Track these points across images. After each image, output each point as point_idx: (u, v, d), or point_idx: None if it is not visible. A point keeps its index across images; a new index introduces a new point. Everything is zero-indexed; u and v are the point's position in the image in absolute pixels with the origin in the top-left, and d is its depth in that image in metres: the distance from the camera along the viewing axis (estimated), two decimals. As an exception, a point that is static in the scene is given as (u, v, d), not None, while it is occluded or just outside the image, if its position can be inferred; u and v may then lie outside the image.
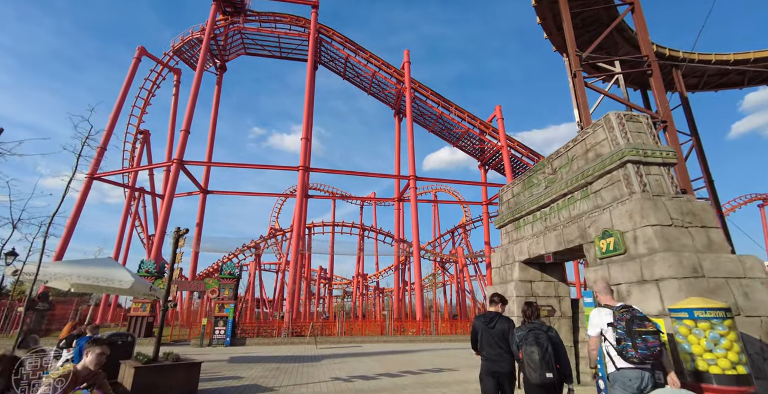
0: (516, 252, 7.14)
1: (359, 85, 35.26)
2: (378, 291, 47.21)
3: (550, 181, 6.39)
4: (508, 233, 7.81)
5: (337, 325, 19.53)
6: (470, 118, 32.86)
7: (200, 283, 18.03)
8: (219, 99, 35.30)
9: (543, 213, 6.51)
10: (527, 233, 7.06)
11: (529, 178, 7.12)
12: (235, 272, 18.18)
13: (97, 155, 28.27)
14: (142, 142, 37.16)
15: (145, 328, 16.73)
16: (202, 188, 31.66)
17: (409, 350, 14.35)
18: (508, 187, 7.98)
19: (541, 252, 6.27)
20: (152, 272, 17.45)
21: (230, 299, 17.74)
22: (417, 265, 25.91)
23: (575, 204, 5.54)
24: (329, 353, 13.18)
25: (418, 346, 16.73)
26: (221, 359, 11.35)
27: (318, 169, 29.14)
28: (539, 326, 3.65)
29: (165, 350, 6.88)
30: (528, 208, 6.88)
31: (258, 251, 36.37)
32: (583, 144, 5.53)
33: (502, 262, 7.68)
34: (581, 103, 10.51)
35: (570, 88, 14.71)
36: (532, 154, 33.68)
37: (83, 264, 8.98)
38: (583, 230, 5.21)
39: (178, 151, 26.24)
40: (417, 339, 19.00)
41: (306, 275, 38.22)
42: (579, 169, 5.63)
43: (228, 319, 17.12)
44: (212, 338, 16.78)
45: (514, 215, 7.41)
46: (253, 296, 42.01)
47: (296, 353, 13.66)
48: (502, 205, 8.20)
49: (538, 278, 7.01)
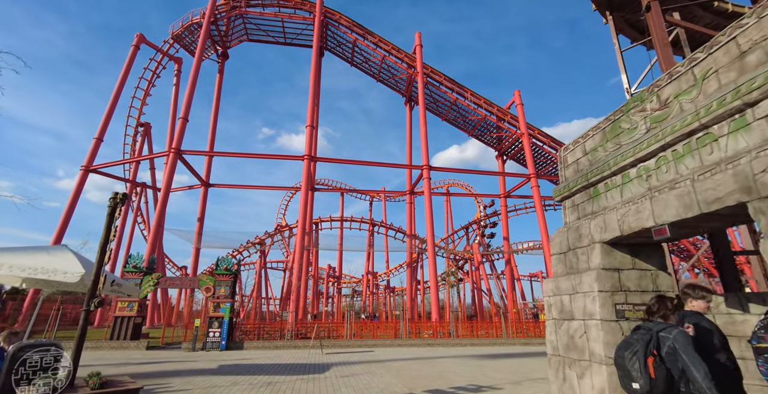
0: (595, 229, 5.03)
1: (368, 72, 33.29)
2: (389, 290, 45.18)
3: (655, 120, 4.32)
4: (577, 205, 5.72)
5: (346, 326, 17.57)
6: (487, 105, 30.62)
7: (193, 280, 16.24)
8: (221, 88, 33.70)
9: (643, 169, 4.43)
10: (613, 201, 4.96)
11: (614, 124, 5.02)
12: (232, 267, 16.33)
13: (93, 147, 26.89)
14: (143, 135, 35.76)
15: (132, 329, 14.98)
16: (204, 181, 30.05)
17: (430, 357, 12.31)
18: (575, 143, 5.89)
19: (647, 224, 4.18)
20: (140, 267, 15.71)
21: (227, 297, 15.90)
22: (432, 261, 23.84)
23: (719, 143, 3.50)
24: (336, 361, 11.22)
25: (437, 351, 14.67)
26: (207, 368, 9.47)
27: (324, 158, 27.26)
28: (654, 325, 2.74)
29: (150, 355, 5.09)
30: (615, 165, 4.80)
31: (263, 248, 34.65)
32: (732, 46, 3.48)
33: (569, 244, 5.59)
34: (659, 39, 8.27)
35: (616, 50, 12.48)
36: (554, 143, 31.31)
37: (27, 252, 7.13)
38: (747, 178, 3.12)
39: (176, 141, 24.61)
40: (435, 343, 16.94)
41: (313, 273, 36.40)
42: (725, 87, 3.54)
43: (223, 320, 15.28)
44: (206, 341, 14.97)
45: (588, 178, 5.32)
46: (259, 295, 40.39)
47: (299, 359, 11.74)
48: (566, 169, 6.12)
49: (627, 265, 4.92)
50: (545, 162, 32.69)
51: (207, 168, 30.91)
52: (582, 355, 5.03)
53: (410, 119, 33.58)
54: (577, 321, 5.23)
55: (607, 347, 4.62)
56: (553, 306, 5.83)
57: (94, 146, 26.73)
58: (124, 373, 8.33)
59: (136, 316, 15.22)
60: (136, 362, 10.41)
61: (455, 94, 30.30)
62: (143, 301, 15.77)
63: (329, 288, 45.42)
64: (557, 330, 5.69)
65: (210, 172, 30.97)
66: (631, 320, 4.80)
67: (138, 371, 8.68)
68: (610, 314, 4.76)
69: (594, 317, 4.85)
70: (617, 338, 4.67)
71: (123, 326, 14.89)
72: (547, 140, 31.21)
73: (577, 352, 5.14)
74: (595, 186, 5.34)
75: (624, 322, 4.77)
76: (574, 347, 5.22)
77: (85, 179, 26.24)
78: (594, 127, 5.57)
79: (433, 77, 30.25)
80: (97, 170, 26.68)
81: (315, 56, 28.25)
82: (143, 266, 15.84)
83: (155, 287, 15.72)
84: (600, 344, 4.68)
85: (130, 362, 10.20)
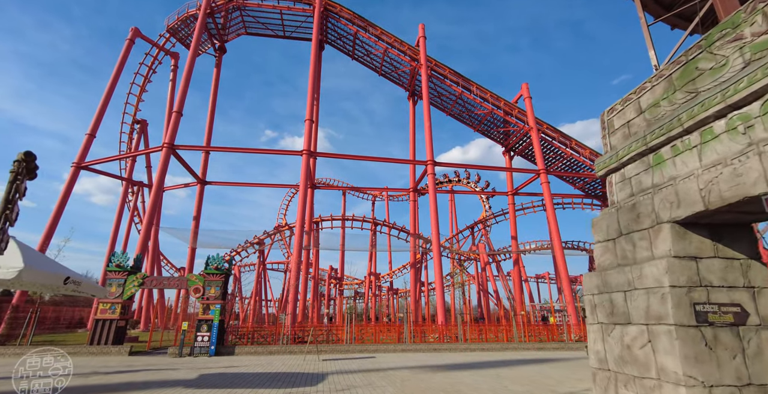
0: (662, 206, 3.82)
1: (369, 66, 32.20)
2: (392, 292, 43.88)
3: (760, 47, 3.13)
4: (629, 179, 4.52)
5: (345, 330, 16.35)
6: (494, 99, 29.38)
7: (182, 279, 15.10)
8: (218, 82, 32.74)
9: (739, 118, 3.24)
10: (686, 167, 3.74)
11: (687, 66, 3.82)
12: (223, 265, 15.19)
13: (85, 142, 25.93)
14: (139, 132, 34.78)
15: (114, 333, 13.83)
16: (200, 179, 29.01)
17: (437, 365, 11.08)
18: (625, 101, 4.68)
19: (754, 191, 2.97)
20: (125, 266, 14.59)
21: (217, 298, 14.76)
22: (437, 261, 22.58)
23: None
24: (333, 369, 10.02)
25: (444, 357, 13.43)
26: (184, 379, 8.30)
27: (324, 153, 26.16)
28: None
29: (128, 362, 4.15)
30: (690, 119, 3.59)
31: (262, 248, 33.52)
32: None
33: (620, 228, 4.37)
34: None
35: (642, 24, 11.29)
36: (563, 138, 30.02)
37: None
38: None
39: (169, 135, 23.59)
40: (442, 348, 15.68)
41: (314, 274, 35.22)
42: None
43: (213, 323, 14.12)
44: (194, 345, 13.81)
45: (647, 142, 4.11)
46: (260, 297, 39.24)
47: (291, 367, 10.55)
48: (611, 136, 4.91)
49: (708, 252, 3.72)
50: (554, 158, 31.38)
51: (203, 165, 29.89)
52: (646, 371, 3.81)
53: (413, 114, 32.44)
54: (636, 326, 4.00)
55: (686, 363, 3.40)
56: (599, 307, 4.61)
57: (86, 142, 25.78)
58: (85, 385, 7.18)
59: (119, 318, 14.08)
60: (107, 371, 9.25)
61: (461, 88, 29.11)
62: (128, 302, 14.64)
63: (331, 290, 44.19)
64: (606, 337, 4.46)
65: (207, 170, 29.96)
66: (716, 326, 3.58)
67: (100, 383, 7.52)
68: (687, 318, 3.54)
69: (664, 320, 3.63)
70: (699, 351, 3.45)
71: (104, 329, 13.74)
72: (556, 135, 29.93)
73: (638, 367, 3.91)
74: (656, 152, 4.13)
75: (707, 328, 3.55)
76: (632, 360, 3.99)
77: (77, 176, 25.24)
78: (652, 77, 4.36)
79: (437, 70, 29.10)
80: (89, 167, 25.68)
81: (314, 49, 27.20)
82: (128, 265, 14.73)
83: (140, 287, 14.59)
84: (675, 359, 3.46)
85: (99, 371, 9.04)
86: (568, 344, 17.00)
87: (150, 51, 32.32)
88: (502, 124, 30.76)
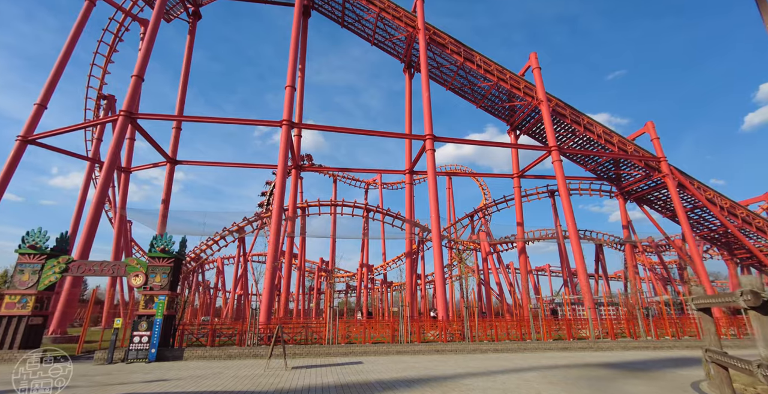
0: None
1: (361, 34, 28.93)
2: (385, 285, 41.00)
3: None
4: None
5: (327, 327, 13.35)
6: (498, 72, 26.31)
7: (118, 264, 11.95)
8: (192, 51, 29.22)
9: None
10: None
11: None
12: (172, 248, 12.06)
13: (34, 113, 22.48)
14: (106, 108, 31.16)
15: (24, 334, 10.69)
16: (169, 157, 25.66)
17: (444, 376, 8.15)
18: None
19: None
20: (42, 248, 11.42)
21: (164, 288, 11.65)
22: (437, 248, 19.62)
23: None
24: (300, 385, 7.05)
25: (451, 361, 10.52)
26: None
27: (307, 125, 22.98)
28: None
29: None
30: None
31: (242, 235, 30.33)
32: None
33: None
34: None
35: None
36: (575, 114, 27.08)
37: None
38: None
39: (126, 102, 20.25)
40: (446, 348, 12.75)
41: (299, 264, 32.16)
42: None
43: (156, 319, 11.04)
44: (129, 349, 10.73)
45: None
46: (245, 291, 36.14)
47: (242, 381, 7.57)
48: None
49: None
50: (565, 136, 28.47)
51: (174, 142, 26.52)
52: None
53: (410, 88, 29.30)
54: None
55: None
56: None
57: (34, 112, 22.33)
58: None
59: (32, 315, 10.92)
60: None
61: (462, 57, 25.98)
62: (46, 294, 11.45)
63: (321, 283, 41.19)
64: None
65: (177, 147, 26.58)
66: None
67: None
68: None
69: None
70: None
71: (9, 329, 10.59)
72: (567, 111, 26.98)
73: None
74: None
75: None
76: None
77: (22, 151, 21.78)
78: None
79: (436, 39, 25.91)
80: (36, 142, 22.23)
81: (298, 11, 23.86)
82: (47, 245, 11.55)
83: (63, 273, 11.43)
84: None
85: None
86: (595, 342, 14.14)
87: (114, 15, 28.73)
88: (508, 98, 27.73)
